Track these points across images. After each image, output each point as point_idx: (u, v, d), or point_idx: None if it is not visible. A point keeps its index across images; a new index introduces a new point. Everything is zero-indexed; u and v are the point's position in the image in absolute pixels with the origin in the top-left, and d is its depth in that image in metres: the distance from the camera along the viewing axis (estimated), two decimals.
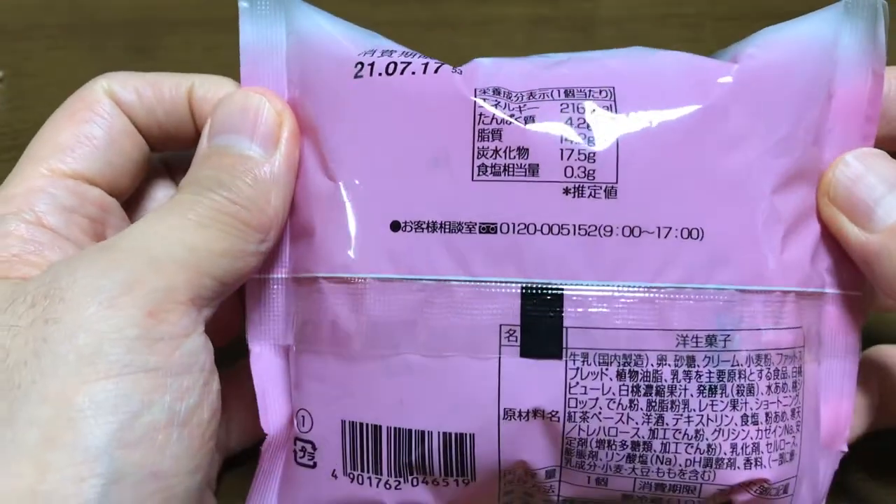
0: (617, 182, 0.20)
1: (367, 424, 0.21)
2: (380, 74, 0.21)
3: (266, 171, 0.21)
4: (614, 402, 0.20)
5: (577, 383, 0.20)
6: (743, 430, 0.20)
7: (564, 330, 0.20)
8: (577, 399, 0.20)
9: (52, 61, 0.38)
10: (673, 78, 0.21)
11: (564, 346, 0.20)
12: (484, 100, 0.21)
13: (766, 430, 0.21)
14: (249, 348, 0.23)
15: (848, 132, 0.22)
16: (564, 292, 0.20)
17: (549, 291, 0.20)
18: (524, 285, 0.20)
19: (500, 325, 0.20)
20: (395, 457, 0.21)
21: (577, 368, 0.20)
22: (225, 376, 0.21)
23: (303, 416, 0.22)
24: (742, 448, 0.20)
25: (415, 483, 0.21)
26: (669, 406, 0.20)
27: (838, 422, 0.23)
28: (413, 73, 0.21)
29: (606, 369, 0.20)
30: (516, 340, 0.20)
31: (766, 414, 0.21)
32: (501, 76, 0.21)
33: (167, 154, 0.26)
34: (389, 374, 0.21)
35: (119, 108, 0.23)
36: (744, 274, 0.20)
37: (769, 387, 0.21)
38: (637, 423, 0.20)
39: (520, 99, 0.21)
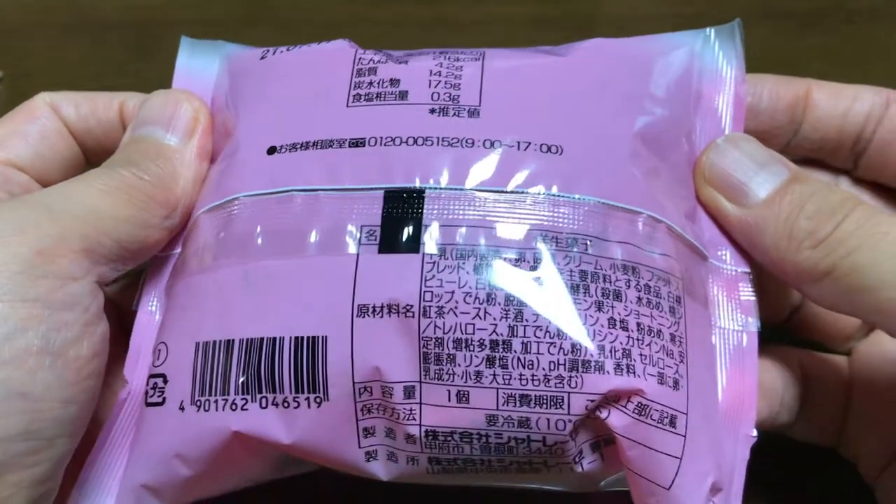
0: (480, 105, 0.22)
1: (219, 341, 0.21)
2: (281, 52, 0.25)
3: (178, 156, 0.23)
4: (471, 297, 0.20)
5: (434, 276, 0.20)
6: (611, 333, 0.20)
7: (423, 227, 0.20)
8: (433, 292, 0.20)
9: (52, 61, 0.38)
10: (548, 48, 0.24)
11: (422, 241, 0.20)
12: (364, 52, 0.24)
13: (637, 339, 0.20)
14: (137, 317, 0.23)
15: (717, 130, 0.24)
16: (426, 194, 0.21)
17: (411, 193, 0.21)
18: (387, 189, 0.21)
19: (362, 226, 0.21)
20: (244, 372, 0.20)
21: (434, 262, 0.20)
22: None
23: (159, 350, 0.22)
24: (611, 351, 0.20)
25: (263, 404, 0.20)
26: (528, 301, 0.20)
27: (742, 397, 0.22)
28: (310, 46, 0.25)
29: (463, 263, 0.20)
30: (375, 239, 0.20)
31: (638, 324, 0.20)
32: (388, 51, 0.25)
33: None
34: (249, 284, 0.21)
35: (57, 115, 0.26)
36: (605, 189, 0.21)
37: (639, 298, 0.20)
38: (495, 319, 0.20)
39: (398, 57, 0.24)
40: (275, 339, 0.20)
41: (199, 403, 0.21)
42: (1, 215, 0.20)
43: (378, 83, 0.23)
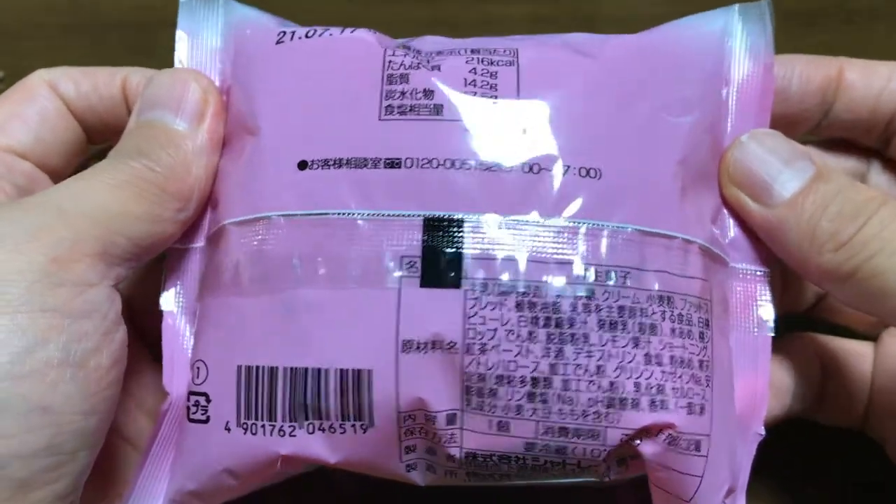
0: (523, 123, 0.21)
1: (262, 367, 0.21)
2: (300, 38, 0.23)
3: (189, 144, 0.22)
4: (513, 334, 0.20)
5: (476, 313, 0.20)
6: (647, 370, 0.20)
7: (464, 259, 0.20)
8: (475, 329, 0.20)
9: (52, 61, 0.38)
10: (579, 42, 0.23)
11: (464, 275, 0.20)
12: (393, 53, 0.22)
13: (671, 373, 0.20)
14: (163, 317, 0.23)
15: (744, 118, 0.23)
16: (465, 223, 0.20)
17: (451, 222, 0.20)
18: (426, 217, 0.20)
19: (402, 257, 0.20)
20: (290, 399, 0.20)
21: (477, 298, 0.20)
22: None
23: (198, 368, 0.22)
24: (646, 388, 0.20)
25: (311, 430, 0.21)
26: (570, 339, 0.20)
27: (754, 399, 0.22)
28: (330, 34, 0.23)
29: (505, 300, 0.20)
30: (416, 271, 0.20)
31: (671, 357, 0.20)
32: (413, 42, 0.23)
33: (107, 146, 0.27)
34: (287, 311, 0.21)
35: (55, 93, 0.24)
36: (643, 216, 0.21)
37: (673, 330, 0.21)
38: (537, 357, 0.20)
39: (428, 55, 0.22)
40: (319, 370, 0.20)
41: (245, 426, 0.21)
42: (12, 218, 0.19)
43: (411, 94, 0.21)
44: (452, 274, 0.20)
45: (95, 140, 0.25)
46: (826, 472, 0.28)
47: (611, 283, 0.20)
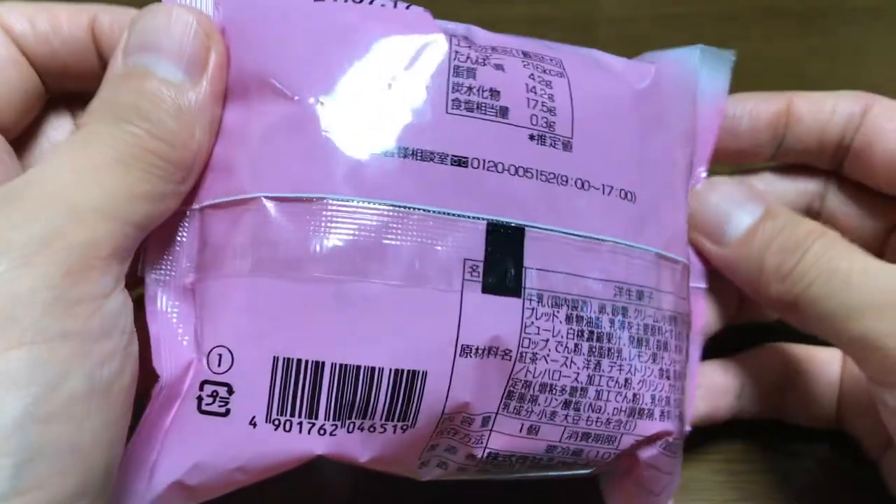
0: (572, 137, 0.21)
1: (306, 361, 0.19)
2: (345, 0, 0.21)
3: (191, 100, 0.19)
4: (562, 346, 0.20)
5: (532, 323, 0.20)
6: (660, 383, 0.22)
7: (524, 269, 0.20)
8: (530, 339, 0.20)
9: None
10: (607, 63, 0.24)
11: (523, 285, 0.20)
12: (458, 43, 0.21)
13: (673, 385, 0.23)
14: (147, 288, 0.20)
15: (701, 159, 0.26)
16: (526, 233, 0.20)
17: (514, 230, 0.20)
18: (490, 221, 0.20)
19: (465, 260, 0.20)
20: (336, 397, 0.19)
21: (533, 308, 0.20)
22: None
23: (219, 355, 0.19)
24: (658, 400, 0.22)
25: (350, 429, 0.20)
26: (606, 353, 0.21)
27: (688, 401, 0.25)
28: (382, 4, 0.21)
29: (557, 312, 0.20)
30: (479, 276, 0.20)
31: (674, 371, 0.23)
32: (466, 31, 0.22)
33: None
34: (342, 303, 0.19)
35: (5, 34, 0.20)
36: (663, 239, 0.23)
37: (676, 346, 0.23)
38: (578, 368, 0.21)
39: (484, 50, 0.22)
40: (373, 368, 0.19)
41: (277, 423, 0.19)
42: (16, 222, 0.16)
43: (478, 91, 0.21)
44: (513, 282, 0.20)
45: (54, 90, 0.22)
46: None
47: (641, 302, 0.22)
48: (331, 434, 0.19)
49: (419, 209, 0.19)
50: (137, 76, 0.19)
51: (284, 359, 0.19)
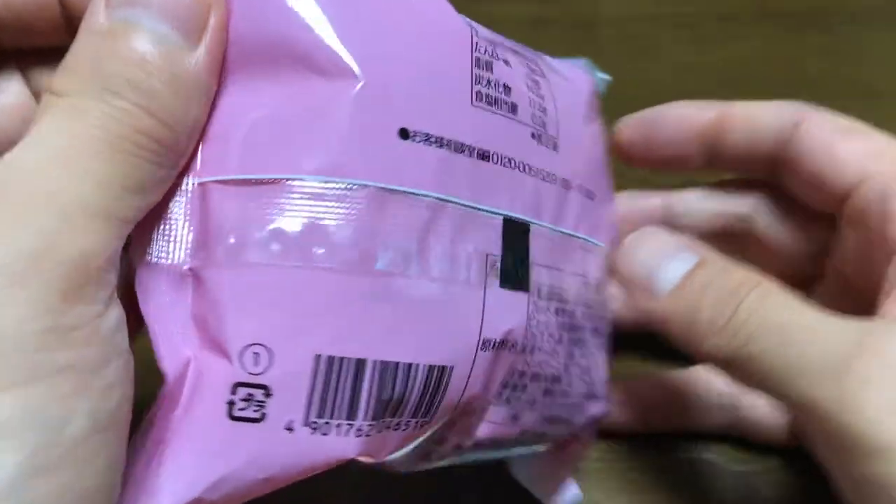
0: (558, 138, 0.22)
1: (349, 359, 0.18)
2: None
3: (188, 67, 0.16)
4: (552, 337, 0.21)
5: (534, 316, 0.21)
6: (604, 367, 0.24)
7: (531, 264, 0.21)
8: (532, 332, 0.21)
9: None
10: (556, 66, 0.24)
11: (530, 279, 0.21)
12: (476, 34, 0.21)
13: (605, 369, 0.25)
14: (137, 278, 0.18)
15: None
16: (531, 228, 0.21)
17: (522, 225, 0.21)
18: (505, 217, 0.20)
19: (487, 255, 0.20)
20: (376, 396, 0.18)
21: (535, 302, 0.21)
22: None
23: (255, 354, 0.17)
24: (601, 382, 0.24)
25: (381, 428, 0.19)
26: (578, 342, 0.23)
27: None
28: None
29: (550, 305, 0.21)
30: (497, 270, 0.20)
31: (605, 357, 0.25)
32: (472, 24, 0.21)
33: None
34: (384, 298, 0.18)
35: None
36: (608, 237, 0.24)
37: (608, 332, 0.25)
38: (561, 358, 0.22)
39: (492, 44, 0.21)
40: (410, 364, 0.18)
41: (314, 426, 0.18)
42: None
43: (495, 85, 0.20)
44: (524, 277, 0.20)
45: (6, 45, 0.19)
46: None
47: (598, 294, 0.23)
48: (367, 434, 0.18)
49: (452, 202, 0.19)
50: (124, 35, 0.16)
51: (328, 357, 0.18)
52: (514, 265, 0.20)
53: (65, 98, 0.15)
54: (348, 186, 0.18)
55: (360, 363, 0.18)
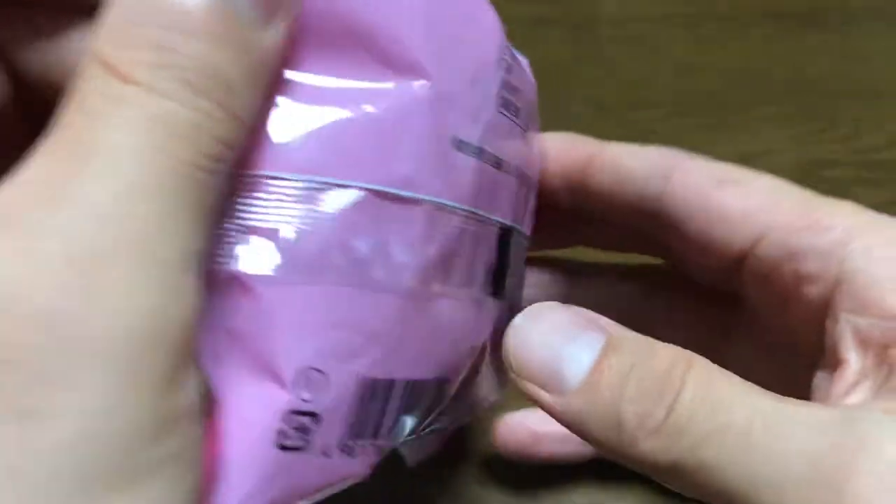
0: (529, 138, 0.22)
1: (382, 381, 0.17)
2: None
3: (260, 49, 0.13)
4: (498, 334, 0.21)
5: (502, 322, 0.20)
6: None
7: (507, 271, 0.20)
8: (495, 333, 0.21)
9: None
10: None
11: (505, 286, 0.21)
12: (503, 38, 0.19)
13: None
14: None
15: None
16: (513, 233, 0.21)
17: (508, 233, 0.20)
18: (501, 225, 0.20)
19: (487, 265, 0.20)
20: (397, 412, 0.18)
21: (503, 308, 0.21)
22: None
23: (307, 378, 0.16)
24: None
25: (393, 441, 0.19)
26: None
27: None
28: None
29: (510, 308, 0.21)
30: (492, 279, 0.20)
31: None
32: None
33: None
34: (425, 318, 0.17)
35: None
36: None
37: None
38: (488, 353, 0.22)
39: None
40: (426, 380, 0.18)
41: (346, 449, 0.17)
42: (97, 307, 0.11)
43: (511, 89, 0.19)
44: (503, 285, 0.20)
45: None
46: None
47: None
48: (382, 448, 0.18)
49: (478, 215, 0.18)
50: (199, 5, 0.12)
51: (370, 379, 0.17)
52: (500, 273, 0.20)
53: (133, 88, 0.12)
54: (414, 200, 0.16)
55: (390, 383, 0.17)
